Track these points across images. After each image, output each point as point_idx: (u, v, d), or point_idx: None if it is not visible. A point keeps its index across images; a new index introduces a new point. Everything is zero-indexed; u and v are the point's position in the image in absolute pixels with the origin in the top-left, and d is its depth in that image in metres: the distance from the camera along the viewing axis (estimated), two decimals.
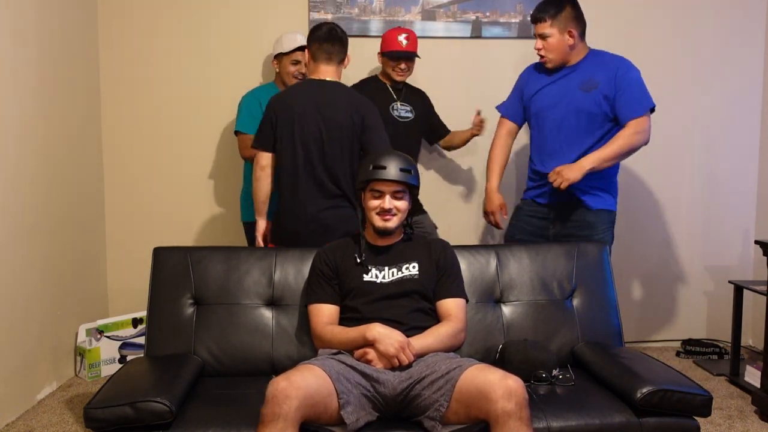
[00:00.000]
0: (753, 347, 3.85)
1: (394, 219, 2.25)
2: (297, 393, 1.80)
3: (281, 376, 1.87)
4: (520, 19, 3.70)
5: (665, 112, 3.82)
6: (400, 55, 3.28)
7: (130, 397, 1.95)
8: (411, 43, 3.29)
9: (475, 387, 1.87)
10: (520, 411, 1.80)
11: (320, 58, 2.78)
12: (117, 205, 3.71)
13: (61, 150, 3.23)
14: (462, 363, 2.00)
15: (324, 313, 2.25)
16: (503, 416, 1.79)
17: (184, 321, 2.40)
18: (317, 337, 2.24)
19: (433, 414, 1.95)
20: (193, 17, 3.62)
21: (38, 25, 3.03)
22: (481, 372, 1.91)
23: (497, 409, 1.79)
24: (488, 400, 1.81)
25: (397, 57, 3.29)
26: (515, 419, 1.79)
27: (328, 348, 2.19)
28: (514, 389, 1.81)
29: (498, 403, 1.79)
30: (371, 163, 2.23)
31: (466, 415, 1.90)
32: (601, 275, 2.60)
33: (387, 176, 2.20)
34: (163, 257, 2.49)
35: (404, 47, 3.27)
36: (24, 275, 2.90)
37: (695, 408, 2.07)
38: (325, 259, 2.30)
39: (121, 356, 3.46)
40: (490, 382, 1.84)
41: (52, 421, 2.81)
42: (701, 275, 3.92)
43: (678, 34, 3.79)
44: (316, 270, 2.31)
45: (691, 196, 3.88)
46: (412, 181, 2.25)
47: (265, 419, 1.80)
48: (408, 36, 3.29)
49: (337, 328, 2.20)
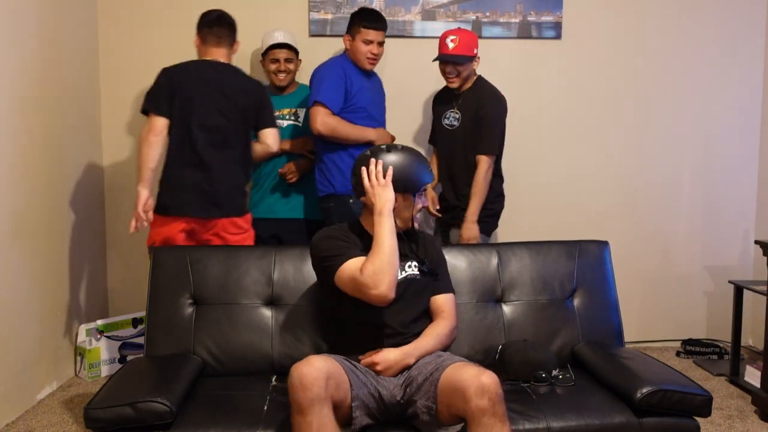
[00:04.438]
0: (753, 347, 3.85)
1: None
2: (321, 374, 1.79)
3: (300, 363, 1.84)
4: (520, 19, 3.70)
5: (665, 112, 3.84)
6: (440, 58, 3.13)
7: (130, 397, 1.95)
8: (459, 45, 3.07)
9: (451, 386, 1.87)
10: (494, 407, 1.78)
11: (210, 41, 2.92)
12: (117, 205, 3.71)
13: (61, 150, 3.22)
14: (442, 363, 2.00)
15: (360, 262, 2.04)
16: (477, 413, 1.78)
17: (183, 321, 2.40)
18: (374, 282, 1.98)
19: (427, 418, 1.96)
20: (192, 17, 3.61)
21: (38, 25, 3.03)
22: (457, 370, 1.90)
23: (471, 406, 1.78)
24: (463, 399, 1.80)
25: (440, 60, 3.14)
26: (489, 416, 1.78)
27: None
28: (487, 385, 1.79)
29: (472, 401, 1.78)
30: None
31: (450, 414, 1.89)
32: (602, 275, 2.59)
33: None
34: (163, 257, 2.49)
35: (449, 50, 3.09)
36: (24, 275, 2.90)
37: (695, 408, 2.07)
38: (342, 234, 2.16)
39: (121, 356, 3.46)
40: (464, 380, 1.82)
41: (52, 421, 2.81)
42: (701, 275, 3.92)
43: (678, 34, 3.79)
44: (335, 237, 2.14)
45: (691, 196, 3.88)
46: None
47: (301, 406, 1.77)
48: (457, 38, 3.08)
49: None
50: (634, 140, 3.81)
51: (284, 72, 3.30)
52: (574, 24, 3.69)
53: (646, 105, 3.81)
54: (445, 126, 3.27)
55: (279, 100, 3.34)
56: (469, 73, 3.17)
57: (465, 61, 3.10)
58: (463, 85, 3.19)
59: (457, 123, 3.22)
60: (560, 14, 3.70)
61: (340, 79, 3.12)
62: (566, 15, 3.71)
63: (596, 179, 3.83)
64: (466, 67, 3.13)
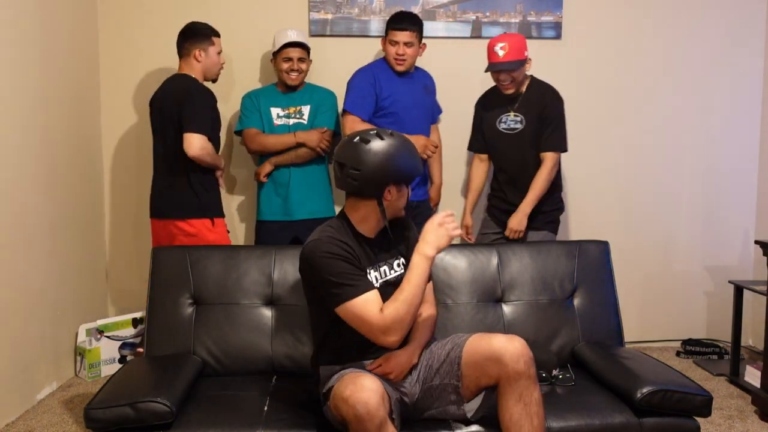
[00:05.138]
0: (753, 347, 3.85)
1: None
2: (379, 396, 1.78)
3: (354, 389, 1.78)
4: (520, 19, 3.70)
5: (665, 112, 3.83)
6: (492, 68, 3.06)
7: (130, 397, 1.95)
8: (509, 52, 3.00)
9: (481, 355, 1.93)
10: (529, 369, 1.89)
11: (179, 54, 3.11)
12: (117, 205, 3.71)
13: (61, 150, 3.22)
14: (456, 340, 2.05)
15: (375, 300, 1.94)
16: (514, 376, 1.88)
17: (183, 321, 2.40)
18: (387, 329, 1.92)
19: (452, 397, 1.99)
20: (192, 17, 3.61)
21: (38, 25, 3.03)
22: (484, 340, 1.96)
23: (509, 370, 1.88)
24: (499, 363, 1.89)
25: (491, 70, 3.08)
26: (525, 378, 1.88)
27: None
28: (521, 349, 1.90)
29: (509, 366, 1.88)
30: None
31: (477, 385, 1.97)
32: (602, 275, 2.59)
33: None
34: (162, 257, 2.49)
35: (500, 58, 3.01)
36: (24, 275, 2.90)
37: (695, 408, 2.07)
38: (346, 248, 1.98)
39: (121, 356, 3.46)
40: (497, 347, 1.91)
41: (52, 421, 2.81)
42: (701, 275, 3.92)
43: (678, 34, 3.79)
44: (343, 258, 1.96)
45: (691, 196, 3.88)
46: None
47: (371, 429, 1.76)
48: (506, 45, 3.01)
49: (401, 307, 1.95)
50: (634, 140, 3.81)
51: (296, 71, 3.29)
52: (574, 24, 3.69)
53: (646, 105, 3.81)
54: (503, 131, 3.20)
55: (285, 99, 3.35)
56: (523, 75, 3.13)
57: (518, 67, 3.04)
58: (518, 88, 3.14)
59: (520, 125, 3.15)
60: (560, 14, 3.70)
61: (369, 85, 3.20)
62: (566, 15, 3.70)
63: (596, 179, 3.83)
64: (520, 72, 3.09)
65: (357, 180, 1.99)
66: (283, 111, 3.33)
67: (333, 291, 1.94)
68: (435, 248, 1.97)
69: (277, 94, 3.38)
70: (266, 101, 3.35)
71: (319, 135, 3.24)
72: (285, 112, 3.33)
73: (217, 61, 3.11)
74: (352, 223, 2.07)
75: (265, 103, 3.35)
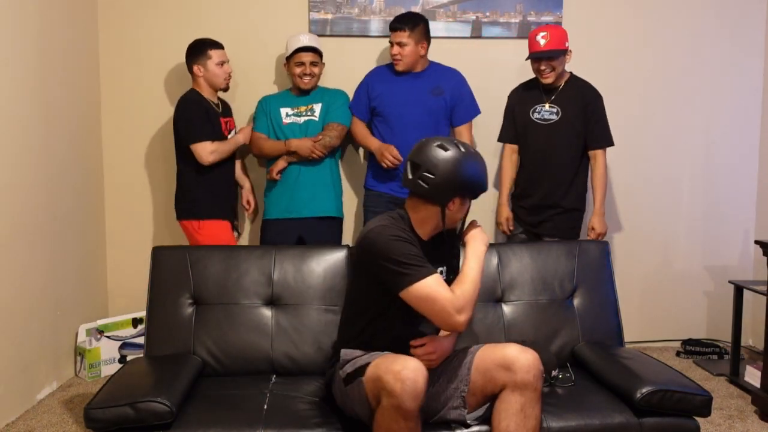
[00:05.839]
0: (753, 347, 3.85)
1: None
2: (426, 380, 1.82)
3: (407, 369, 1.79)
4: (520, 19, 3.70)
5: (665, 112, 3.83)
6: (534, 56, 3.14)
7: (130, 397, 1.95)
8: (551, 41, 3.09)
9: (492, 362, 1.96)
10: (536, 383, 1.91)
11: None
12: (117, 205, 3.71)
13: (61, 150, 3.22)
14: (470, 348, 2.07)
15: (443, 281, 1.99)
16: (522, 385, 1.89)
17: (183, 321, 2.40)
18: (461, 308, 1.95)
19: (456, 403, 2.00)
20: (192, 18, 3.62)
21: (38, 25, 3.03)
22: (498, 348, 2.00)
23: (517, 379, 1.90)
24: (509, 371, 1.91)
25: (533, 58, 3.16)
26: (531, 390, 1.90)
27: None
28: (533, 362, 1.92)
29: (518, 374, 1.90)
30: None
31: (482, 392, 1.98)
32: (602, 275, 2.59)
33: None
34: (162, 257, 2.49)
35: (542, 47, 3.09)
36: (24, 275, 2.90)
37: (695, 408, 2.07)
38: (411, 236, 2.03)
39: (121, 356, 3.46)
40: (510, 355, 1.93)
41: (52, 421, 2.81)
42: (701, 275, 3.92)
43: (678, 34, 3.79)
44: (410, 242, 1.99)
45: (691, 196, 3.88)
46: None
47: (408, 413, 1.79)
48: (547, 34, 3.10)
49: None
50: (634, 140, 3.80)
51: (309, 75, 3.30)
52: (574, 24, 3.68)
53: (646, 105, 3.81)
54: (537, 120, 3.23)
55: (297, 99, 3.39)
56: (563, 67, 3.19)
57: (559, 55, 3.12)
58: (556, 80, 3.19)
59: (555, 117, 3.19)
60: (560, 14, 3.70)
61: (362, 87, 3.39)
62: (566, 15, 3.70)
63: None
64: (561, 62, 3.15)
65: (428, 184, 2.01)
66: (293, 110, 3.35)
67: (402, 271, 1.94)
68: (485, 245, 2.10)
69: (290, 97, 3.42)
70: (276, 103, 3.39)
71: (312, 143, 3.24)
72: (295, 110, 3.35)
73: (217, 72, 3.24)
74: (411, 221, 2.09)
75: (275, 105, 3.39)
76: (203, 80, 3.24)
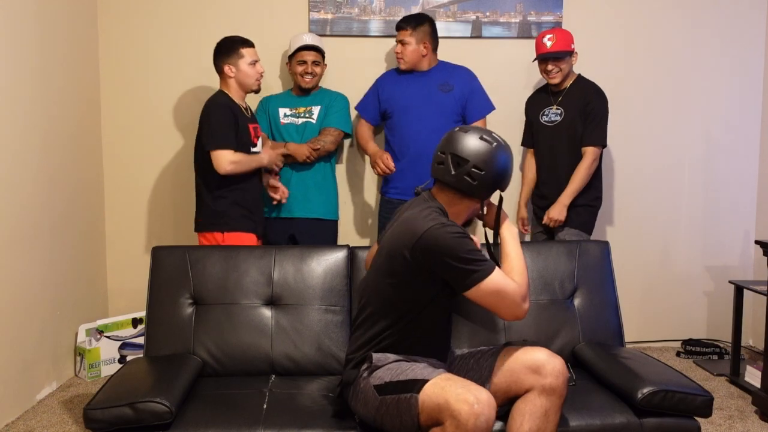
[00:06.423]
0: (753, 347, 3.85)
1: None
2: (495, 411, 1.79)
3: (479, 404, 1.74)
4: (520, 19, 3.69)
5: (665, 112, 3.83)
6: (541, 56, 3.23)
7: (130, 397, 1.95)
8: (556, 42, 3.19)
9: (520, 363, 1.94)
10: (563, 389, 1.90)
11: None
12: (117, 205, 3.71)
13: (61, 150, 3.22)
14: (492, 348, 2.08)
15: (506, 275, 1.98)
16: (550, 390, 1.88)
17: (183, 321, 2.40)
18: (525, 295, 1.98)
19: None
20: (192, 17, 3.62)
21: (38, 26, 3.03)
22: (526, 350, 1.97)
23: (545, 383, 1.88)
24: (538, 374, 1.89)
25: (539, 59, 3.25)
26: (557, 396, 1.89)
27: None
28: (561, 367, 1.91)
29: (547, 378, 1.88)
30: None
31: (505, 394, 1.95)
32: (603, 275, 2.59)
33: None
34: (162, 257, 2.49)
35: (548, 48, 3.20)
36: (24, 275, 2.90)
37: (696, 408, 2.07)
38: (468, 236, 1.98)
39: (121, 356, 3.45)
40: (540, 358, 1.92)
41: (52, 421, 2.81)
42: (701, 275, 3.91)
43: (678, 34, 3.79)
44: (469, 237, 1.96)
45: (691, 196, 3.87)
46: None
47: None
48: (553, 36, 3.21)
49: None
50: (633, 140, 3.81)
51: (311, 74, 3.31)
52: (574, 24, 3.68)
53: (645, 104, 3.81)
54: (545, 123, 3.34)
55: (296, 101, 3.39)
56: (569, 68, 3.28)
57: (565, 56, 3.21)
58: (563, 82, 3.28)
59: (559, 118, 3.28)
60: (560, 14, 3.70)
61: (372, 89, 3.43)
62: (566, 15, 3.70)
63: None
64: (567, 63, 3.24)
65: (476, 180, 1.97)
66: (291, 110, 3.36)
67: (471, 268, 1.89)
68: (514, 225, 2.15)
69: (290, 97, 3.43)
70: (276, 103, 3.40)
71: (309, 149, 3.25)
72: (294, 111, 3.36)
73: (250, 72, 3.01)
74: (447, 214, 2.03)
75: (274, 105, 3.40)
76: (234, 81, 3.00)
